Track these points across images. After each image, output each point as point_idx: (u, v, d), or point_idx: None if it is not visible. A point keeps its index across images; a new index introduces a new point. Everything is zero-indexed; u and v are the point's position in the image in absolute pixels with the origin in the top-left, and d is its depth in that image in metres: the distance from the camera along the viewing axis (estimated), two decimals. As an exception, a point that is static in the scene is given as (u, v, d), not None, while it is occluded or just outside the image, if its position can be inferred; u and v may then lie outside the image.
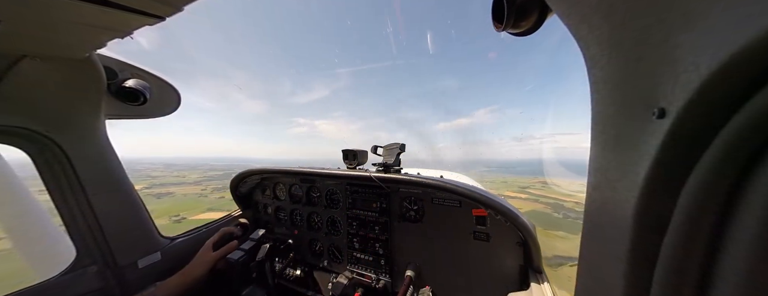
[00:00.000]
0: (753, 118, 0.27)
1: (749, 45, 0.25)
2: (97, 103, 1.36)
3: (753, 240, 0.27)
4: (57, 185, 1.37)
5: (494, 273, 1.52)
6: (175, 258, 1.78)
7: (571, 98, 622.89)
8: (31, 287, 1.29)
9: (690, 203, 0.33)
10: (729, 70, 0.27)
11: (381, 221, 1.82)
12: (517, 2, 0.71)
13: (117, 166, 1.54)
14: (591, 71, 0.49)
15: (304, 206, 2.18)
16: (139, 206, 1.65)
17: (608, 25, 0.42)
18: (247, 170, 2.23)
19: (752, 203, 0.28)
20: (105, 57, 1.33)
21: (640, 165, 0.39)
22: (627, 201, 0.42)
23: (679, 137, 0.33)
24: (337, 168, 2.08)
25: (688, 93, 0.31)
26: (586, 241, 0.57)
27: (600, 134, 0.49)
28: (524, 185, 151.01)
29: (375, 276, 1.85)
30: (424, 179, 1.59)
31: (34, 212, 2.48)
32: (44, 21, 0.79)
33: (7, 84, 1.07)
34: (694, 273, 0.34)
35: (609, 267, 0.47)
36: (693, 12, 0.30)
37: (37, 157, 1.33)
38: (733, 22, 0.26)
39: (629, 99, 0.41)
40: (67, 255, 1.44)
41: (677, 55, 0.32)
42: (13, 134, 1.23)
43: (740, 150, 0.29)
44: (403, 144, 1.89)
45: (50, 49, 0.99)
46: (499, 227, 1.49)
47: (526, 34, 0.79)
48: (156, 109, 1.69)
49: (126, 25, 0.86)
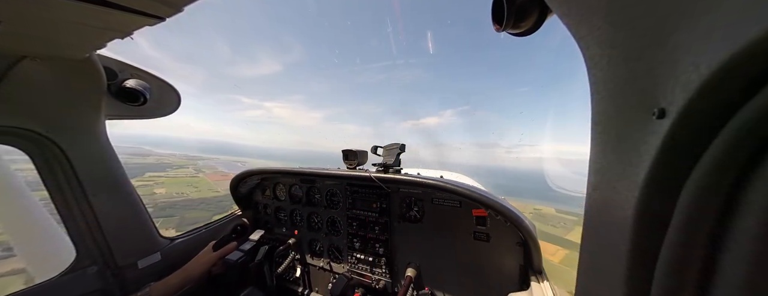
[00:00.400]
0: (753, 118, 0.27)
1: (749, 45, 0.25)
2: (97, 103, 1.36)
3: (753, 239, 0.27)
4: (57, 185, 1.37)
5: (494, 273, 1.52)
6: (175, 258, 1.78)
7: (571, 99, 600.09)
8: (31, 287, 1.29)
9: (690, 203, 0.33)
10: (729, 71, 0.27)
11: (381, 221, 1.82)
12: (517, 2, 0.71)
13: (117, 166, 1.54)
14: (591, 72, 0.49)
15: (304, 207, 2.18)
16: (139, 206, 1.65)
17: (608, 25, 0.42)
18: (247, 170, 2.23)
19: (752, 203, 0.28)
20: (105, 57, 1.33)
21: (640, 165, 0.39)
22: (627, 201, 0.42)
23: (679, 137, 0.33)
24: (337, 168, 2.08)
25: (688, 93, 0.31)
26: (586, 241, 0.57)
27: (600, 135, 0.49)
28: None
29: (375, 277, 1.85)
30: (424, 179, 1.59)
31: (33, 213, 2.47)
32: (44, 21, 0.79)
33: (7, 84, 1.07)
34: (694, 273, 0.34)
35: (609, 267, 0.47)
36: (693, 12, 0.30)
37: (37, 157, 1.33)
38: (733, 22, 0.26)
39: (629, 99, 0.41)
40: (67, 256, 1.44)
41: (677, 55, 0.32)
42: (13, 134, 1.23)
43: (740, 150, 0.28)
44: (403, 144, 1.89)
45: (50, 49, 0.99)
46: (499, 227, 1.49)
47: (526, 34, 0.79)
48: (156, 109, 1.69)
49: (126, 25, 0.86)
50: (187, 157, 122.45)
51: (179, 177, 70.98)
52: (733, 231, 0.30)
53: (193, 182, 65.73)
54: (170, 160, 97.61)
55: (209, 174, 78.87)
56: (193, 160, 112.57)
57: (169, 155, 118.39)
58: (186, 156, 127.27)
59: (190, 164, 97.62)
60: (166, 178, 68.49)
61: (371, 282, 1.84)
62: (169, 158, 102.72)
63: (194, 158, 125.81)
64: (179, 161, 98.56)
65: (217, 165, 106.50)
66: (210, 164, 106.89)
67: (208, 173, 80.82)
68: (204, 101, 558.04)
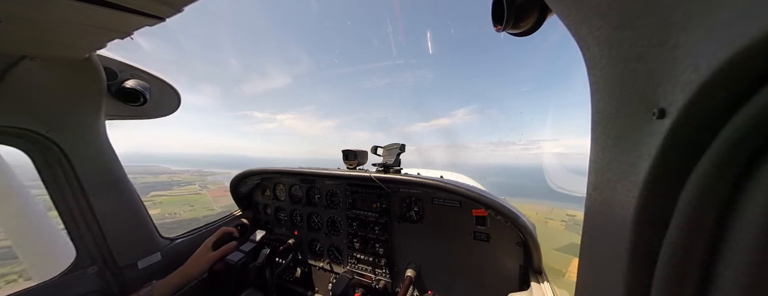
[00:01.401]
0: (753, 118, 0.27)
1: (749, 45, 0.25)
2: (98, 103, 1.36)
3: (753, 239, 0.27)
4: (57, 185, 1.37)
5: (494, 273, 1.52)
6: (175, 258, 1.78)
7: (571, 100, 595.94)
8: (31, 287, 1.29)
9: (690, 204, 0.33)
10: (729, 71, 0.27)
11: (381, 221, 1.82)
12: (517, 2, 0.71)
13: (117, 166, 1.54)
14: (591, 71, 0.49)
15: (304, 207, 2.18)
16: (139, 206, 1.65)
17: (608, 26, 0.42)
18: (246, 170, 2.23)
19: (752, 203, 0.28)
20: (105, 58, 1.33)
21: (640, 165, 0.39)
22: (627, 201, 0.42)
23: (679, 137, 0.33)
24: (337, 168, 2.08)
25: (688, 93, 0.31)
26: (586, 241, 0.57)
27: (600, 135, 0.49)
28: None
29: (375, 277, 1.85)
30: (425, 179, 1.59)
31: (33, 213, 2.47)
32: (44, 21, 0.79)
33: (7, 84, 1.07)
34: (694, 273, 0.34)
35: (609, 266, 0.47)
36: (693, 12, 0.30)
37: (37, 157, 1.33)
38: (733, 23, 0.26)
39: (629, 99, 0.41)
40: (67, 256, 1.44)
41: (677, 55, 0.32)
42: (13, 134, 1.23)
43: (740, 150, 0.28)
44: (403, 144, 1.89)
45: (50, 49, 0.99)
46: (499, 227, 1.49)
47: (526, 34, 0.79)
48: (156, 109, 1.69)
49: (126, 25, 0.86)
50: (201, 173, 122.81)
51: (181, 196, 71.17)
52: (733, 230, 0.30)
53: (191, 201, 65.38)
54: (181, 177, 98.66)
55: (213, 190, 79.23)
56: (204, 176, 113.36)
57: (183, 171, 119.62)
58: (200, 172, 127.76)
59: (198, 180, 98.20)
60: (167, 197, 68.51)
61: (371, 282, 1.84)
62: (181, 175, 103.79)
63: (207, 173, 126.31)
64: (190, 178, 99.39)
65: (225, 180, 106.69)
66: (219, 179, 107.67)
67: (213, 189, 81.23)
68: (219, 117, 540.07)
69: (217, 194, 70.51)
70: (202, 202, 63.42)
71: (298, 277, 2.17)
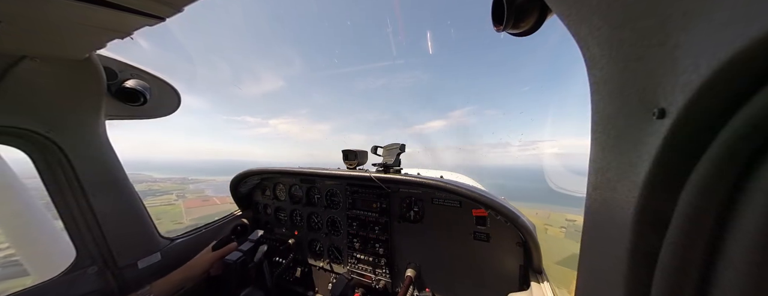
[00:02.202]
0: (753, 118, 0.27)
1: (749, 45, 0.25)
2: (98, 103, 1.36)
3: (753, 239, 0.27)
4: (57, 185, 1.37)
5: (494, 273, 1.52)
6: (175, 258, 1.78)
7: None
8: (30, 287, 1.29)
9: (690, 204, 0.33)
10: (729, 71, 0.27)
11: (381, 221, 1.82)
12: (517, 3, 0.71)
13: (117, 166, 1.54)
14: (591, 72, 0.49)
15: (304, 207, 2.18)
16: (139, 206, 1.65)
17: (608, 26, 0.42)
18: (246, 170, 2.23)
19: (752, 203, 0.28)
20: (105, 57, 1.33)
21: (640, 165, 0.39)
22: (627, 201, 0.42)
23: (679, 137, 0.33)
24: (337, 168, 2.08)
25: (688, 93, 0.31)
26: (586, 241, 0.57)
27: (600, 135, 0.49)
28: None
29: (375, 277, 1.85)
30: (425, 179, 1.59)
31: (33, 213, 2.47)
32: (44, 21, 0.79)
33: (7, 84, 1.07)
34: (694, 273, 0.34)
35: (609, 266, 0.47)
36: (693, 12, 0.30)
37: (37, 157, 1.32)
38: (733, 23, 0.26)
39: (629, 99, 0.41)
40: (67, 256, 1.44)
41: (677, 55, 0.32)
42: (13, 134, 1.23)
43: (740, 150, 0.28)
44: (403, 144, 1.89)
45: (50, 49, 0.99)
46: (499, 227, 1.49)
47: (526, 34, 0.79)
48: (156, 109, 1.69)
49: (126, 25, 0.86)
50: (184, 181, 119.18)
51: (151, 207, 68.91)
52: (733, 230, 0.30)
53: (159, 213, 61.64)
54: (161, 185, 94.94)
55: (189, 201, 76.40)
56: (185, 184, 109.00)
57: (166, 179, 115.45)
58: (184, 180, 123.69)
59: (177, 188, 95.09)
60: (134, 209, 66.08)
61: (371, 282, 1.84)
62: (162, 184, 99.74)
63: (189, 181, 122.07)
64: (170, 186, 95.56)
65: (207, 188, 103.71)
66: (200, 187, 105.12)
67: (189, 199, 78.51)
68: (211, 123, 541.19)
69: (192, 205, 67.15)
70: (172, 214, 58.63)
71: (298, 277, 2.17)
